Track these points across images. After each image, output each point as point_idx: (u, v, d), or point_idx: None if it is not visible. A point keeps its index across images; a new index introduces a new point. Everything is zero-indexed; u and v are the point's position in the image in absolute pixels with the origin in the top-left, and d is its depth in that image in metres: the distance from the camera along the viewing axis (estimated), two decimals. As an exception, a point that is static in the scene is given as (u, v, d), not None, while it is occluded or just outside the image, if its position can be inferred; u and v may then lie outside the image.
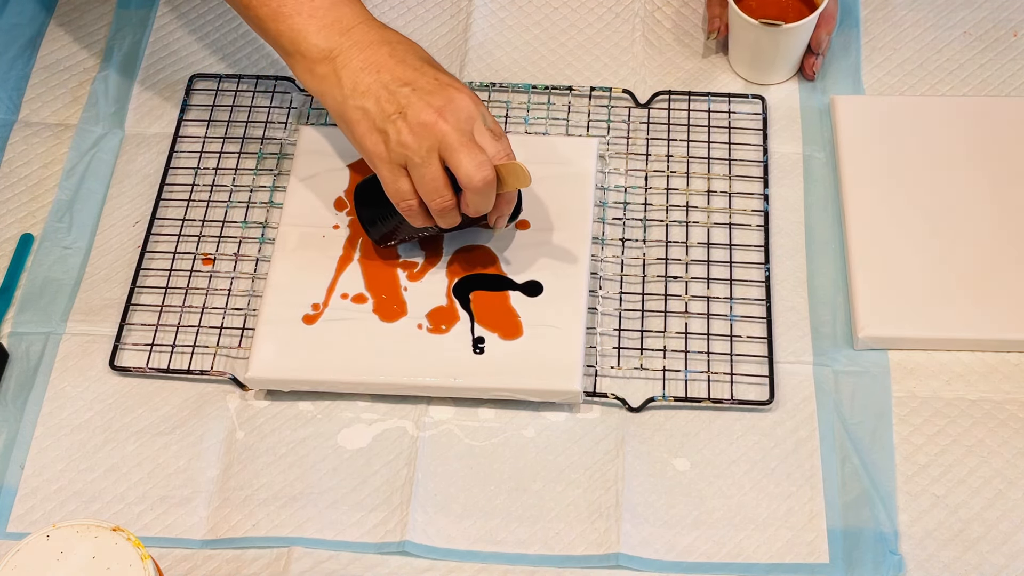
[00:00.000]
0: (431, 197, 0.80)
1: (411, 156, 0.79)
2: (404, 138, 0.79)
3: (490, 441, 0.86)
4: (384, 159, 0.80)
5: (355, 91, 0.81)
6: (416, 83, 0.80)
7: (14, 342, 0.91)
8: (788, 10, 0.98)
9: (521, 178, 0.80)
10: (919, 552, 0.80)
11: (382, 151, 0.80)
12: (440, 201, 0.80)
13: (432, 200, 0.80)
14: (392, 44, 0.82)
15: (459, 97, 0.79)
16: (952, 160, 0.94)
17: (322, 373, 0.86)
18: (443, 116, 0.78)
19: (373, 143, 0.80)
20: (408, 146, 0.79)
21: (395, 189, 0.81)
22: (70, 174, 1.00)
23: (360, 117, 0.81)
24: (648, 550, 0.81)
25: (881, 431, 0.84)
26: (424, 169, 0.79)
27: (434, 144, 0.78)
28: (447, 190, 0.80)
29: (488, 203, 0.81)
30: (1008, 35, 1.02)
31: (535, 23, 1.06)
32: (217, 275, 0.94)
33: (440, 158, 0.79)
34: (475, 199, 0.80)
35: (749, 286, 0.91)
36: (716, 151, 0.97)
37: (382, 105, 0.80)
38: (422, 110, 0.78)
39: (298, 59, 0.83)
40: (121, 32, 1.08)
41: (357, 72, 0.81)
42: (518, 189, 0.83)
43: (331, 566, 0.81)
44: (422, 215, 0.82)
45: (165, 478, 0.85)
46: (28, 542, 0.68)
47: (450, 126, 0.78)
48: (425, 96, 0.79)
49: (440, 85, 0.80)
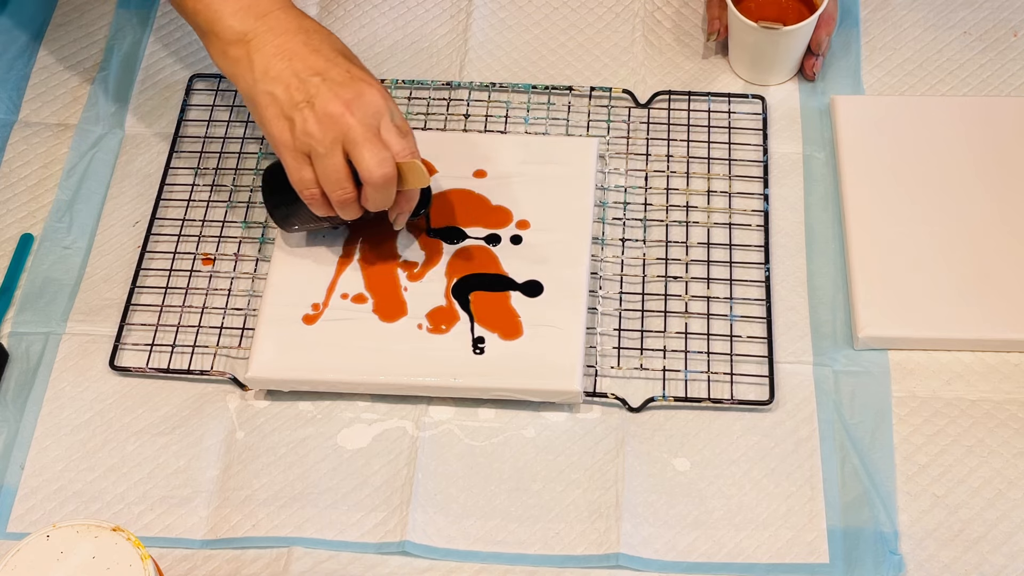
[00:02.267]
0: (332, 188, 0.81)
1: (315, 146, 0.79)
2: (310, 127, 0.79)
3: (490, 441, 0.86)
4: (289, 146, 0.81)
5: (266, 76, 0.81)
6: (327, 73, 0.80)
7: (14, 342, 0.91)
8: (788, 11, 0.98)
9: (420, 177, 0.81)
10: (919, 552, 0.80)
11: (287, 138, 0.80)
12: (340, 193, 0.81)
13: (333, 192, 0.81)
14: (308, 33, 0.82)
15: (369, 91, 0.80)
16: (952, 160, 0.94)
17: (322, 373, 0.86)
18: (350, 109, 0.79)
19: (279, 129, 0.81)
20: (313, 135, 0.79)
21: (298, 177, 0.82)
22: (70, 174, 1.00)
23: (269, 102, 0.81)
24: (648, 550, 0.81)
25: (881, 431, 0.84)
26: (327, 160, 0.79)
27: (339, 136, 0.79)
28: (348, 182, 0.80)
29: (387, 199, 0.82)
30: (1008, 35, 1.02)
31: (535, 23, 1.06)
32: (217, 275, 0.94)
33: (344, 150, 0.79)
34: (374, 194, 0.81)
35: (749, 286, 0.91)
36: (716, 151, 0.97)
37: (291, 92, 0.80)
38: (330, 101, 0.79)
39: (212, 39, 0.84)
40: (121, 32, 1.08)
41: (270, 57, 0.81)
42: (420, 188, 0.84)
43: (331, 566, 0.81)
44: (324, 204, 0.83)
45: (165, 478, 0.85)
46: (28, 542, 0.69)
47: (356, 119, 0.78)
48: (335, 87, 0.79)
49: (351, 78, 0.80)
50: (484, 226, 0.92)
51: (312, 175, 0.81)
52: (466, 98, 1.01)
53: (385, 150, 0.79)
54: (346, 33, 1.05)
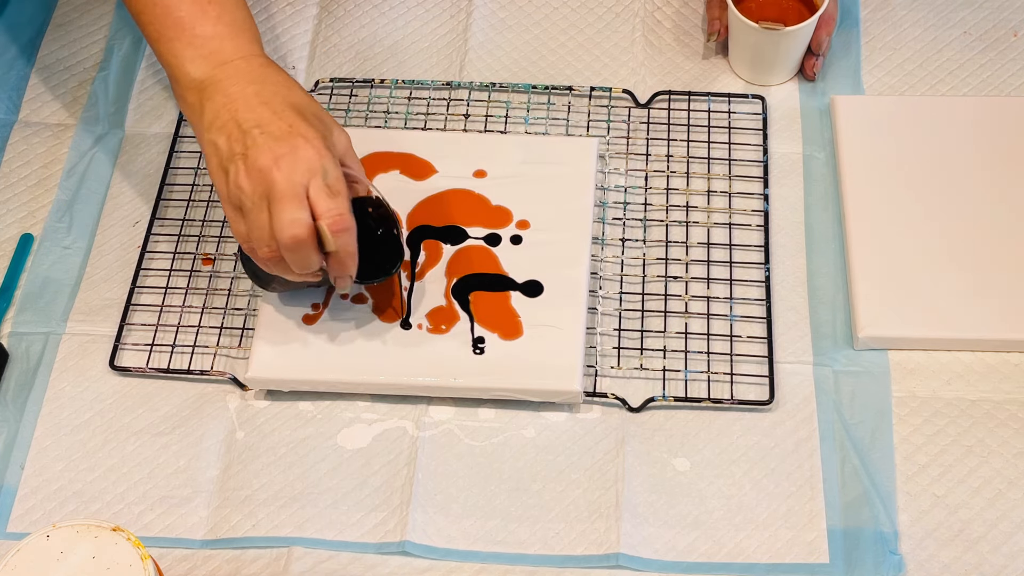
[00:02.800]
0: (258, 246, 0.77)
1: (244, 200, 0.76)
2: (240, 180, 0.76)
3: (490, 441, 0.86)
4: (224, 198, 0.78)
5: (212, 125, 0.78)
6: (268, 126, 0.77)
7: (14, 342, 0.91)
8: (788, 12, 0.98)
9: (326, 241, 0.76)
10: (919, 552, 0.80)
11: (222, 190, 0.78)
12: (265, 251, 0.77)
13: (258, 248, 0.77)
14: (263, 84, 0.79)
15: (304, 147, 0.76)
16: (952, 160, 0.94)
17: (322, 373, 0.86)
18: (278, 164, 0.75)
19: (219, 181, 0.78)
20: (242, 189, 0.76)
21: (233, 229, 0.79)
22: (70, 174, 1.00)
23: (212, 152, 0.79)
24: (648, 550, 0.81)
25: (881, 431, 0.84)
26: (252, 215, 0.76)
27: (264, 192, 0.75)
28: (272, 241, 0.76)
29: (304, 262, 0.77)
30: (1008, 35, 1.02)
31: (535, 23, 1.06)
32: (217, 275, 0.94)
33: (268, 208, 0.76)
34: (288, 256, 0.77)
35: (749, 286, 0.91)
36: (716, 151, 0.97)
37: (231, 143, 0.77)
38: (261, 155, 0.75)
39: (174, 84, 0.83)
40: (121, 32, 1.08)
41: (218, 107, 0.79)
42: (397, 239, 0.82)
43: (331, 566, 0.81)
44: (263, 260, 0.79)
45: (165, 478, 0.85)
46: (28, 542, 0.69)
47: (282, 175, 0.75)
48: (270, 141, 0.76)
49: (290, 132, 0.76)
50: (484, 226, 0.92)
51: (244, 229, 0.78)
52: (466, 98, 1.01)
53: (300, 211, 0.75)
54: (346, 33, 1.06)
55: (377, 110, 1.01)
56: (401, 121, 1.00)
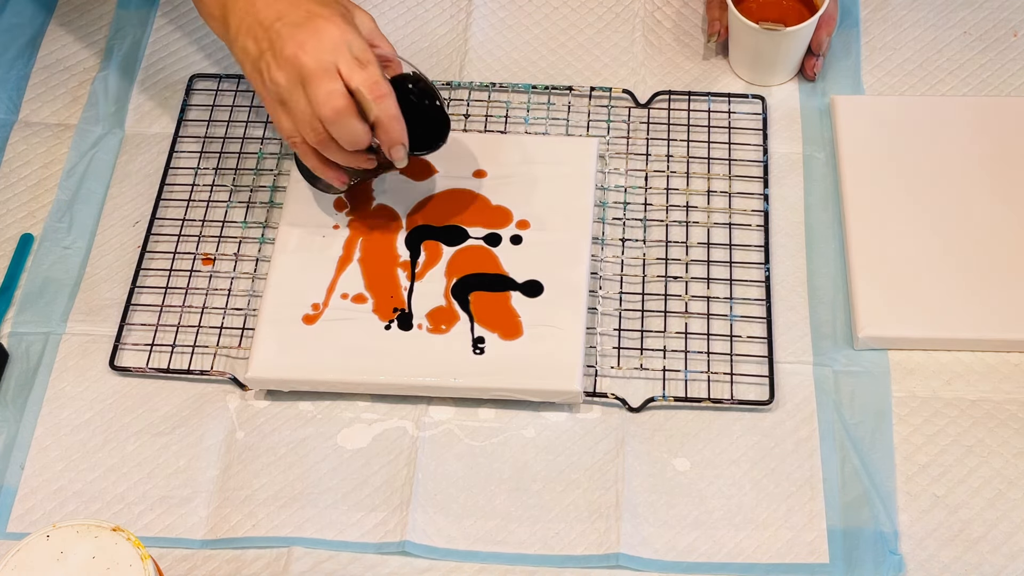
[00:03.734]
0: (305, 131, 0.80)
1: (281, 92, 0.79)
2: (273, 74, 0.79)
3: (490, 441, 0.86)
4: (264, 97, 0.81)
5: (239, 31, 0.81)
6: (287, 17, 0.79)
7: (14, 342, 0.91)
8: (788, 12, 0.98)
9: (365, 106, 0.79)
10: (919, 552, 0.80)
11: (261, 90, 0.81)
12: (313, 135, 0.80)
13: (306, 135, 0.80)
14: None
15: (325, 27, 0.78)
16: (952, 160, 0.94)
17: (322, 373, 0.86)
18: (304, 48, 0.77)
19: (255, 82, 0.81)
20: (277, 82, 0.79)
21: (279, 126, 0.81)
22: (70, 174, 1.00)
23: (244, 58, 0.81)
24: (648, 550, 0.81)
25: (881, 431, 0.84)
26: (292, 104, 0.79)
27: (297, 78, 0.78)
28: (317, 122, 0.79)
29: (351, 134, 0.79)
30: (1008, 35, 1.02)
31: (535, 23, 1.06)
32: (217, 275, 0.94)
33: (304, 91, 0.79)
34: (333, 130, 0.79)
35: (749, 286, 0.91)
36: (716, 151, 0.97)
37: (258, 43, 0.80)
38: (286, 44, 0.78)
39: (201, 7, 0.84)
40: (121, 32, 1.08)
41: (241, 12, 0.81)
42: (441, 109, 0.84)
43: (331, 566, 0.81)
44: (310, 153, 0.82)
45: (165, 478, 0.85)
46: (28, 542, 0.68)
47: (309, 57, 0.77)
48: (292, 30, 0.78)
49: (309, 16, 0.79)
50: (484, 226, 0.92)
51: (290, 123, 0.80)
52: (466, 98, 1.01)
53: (334, 82, 0.77)
54: (346, 33, 1.05)
55: (377, 110, 1.01)
56: (401, 121, 1.00)
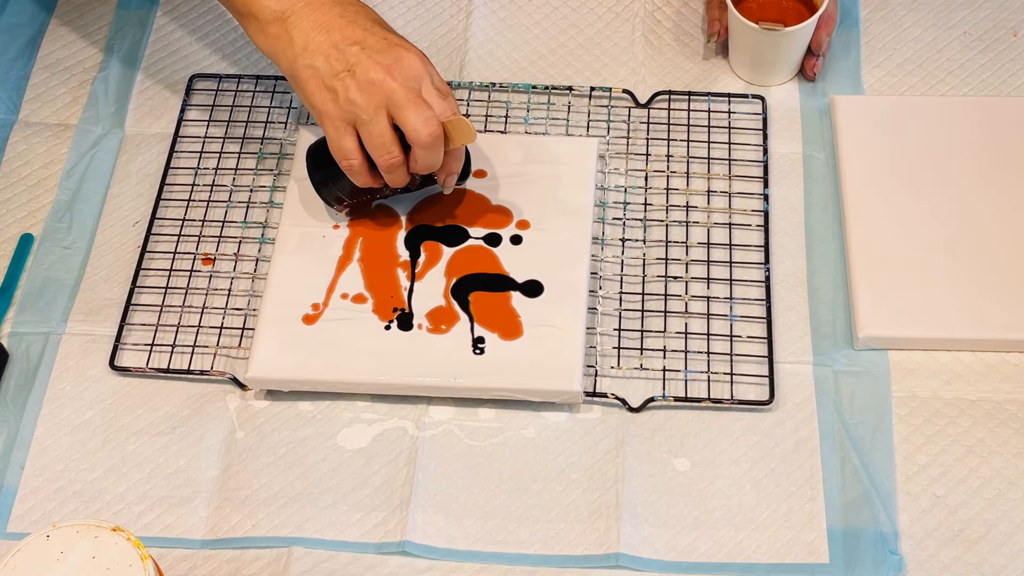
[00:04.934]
0: (379, 153, 0.82)
1: (359, 113, 0.81)
2: (352, 95, 0.81)
3: (490, 441, 0.86)
4: (332, 116, 0.82)
5: (306, 50, 0.82)
6: (365, 42, 0.82)
7: (14, 342, 0.91)
8: (788, 12, 0.98)
9: (467, 133, 0.82)
10: (919, 552, 0.80)
11: (330, 108, 0.82)
12: (388, 157, 0.82)
13: (380, 157, 0.82)
14: (343, 5, 0.84)
15: (408, 56, 0.81)
16: (952, 160, 0.94)
17: (322, 373, 0.86)
18: (391, 74, 0.80)
19: (322, 100, 0.82)
20: (356, 103, 0.81)
21: (339, 147, 0.83)
22: (70, 174, 1.00)
23: (310, 75, 0.82)
24: (648, 550, 0.81)
25: (881, 431, 0.84)
26: (372, 126, 0.81)
27: (382, 101, 0.80)
28: (395, 146, 0.82)
29: (436, 159, 0.83)
30: (1008, 35, 1.02)
31: (535, 23, 1.06)
32: (217, 275, 0.94)
33: (388, 115, 0.81)
34: (423, 155, 0.82)
35: (749, 286, 0.91)
36: (716, 151, 0.97)
37: (331, 63, 0.81)
38: (371, 68, 0.80)
39: (251, 20, 0.85)
40: (121, 32, 1.08)
41: (308, 32, 0.83)
42: (465, 147, 0.87)
43: (331, 566, 0.81)
44: (364, 174, 0.84)
45: (165, 478, 0.85)
46: (28, 542, 0.69)
47: (398, 83, 0.80)
48: (374, 55, 0.81)
49: (389, 44, 0.82)
50: (484, 226, 0.92)
51: (353, 144, 0.83)
52: (466, 98, 1.01)
53: (429, 110, 0.81)
54: (346, 33, 1.05)
55: (377, 110, 1.01)
56: (401, 121, 1.00)
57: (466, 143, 0.84)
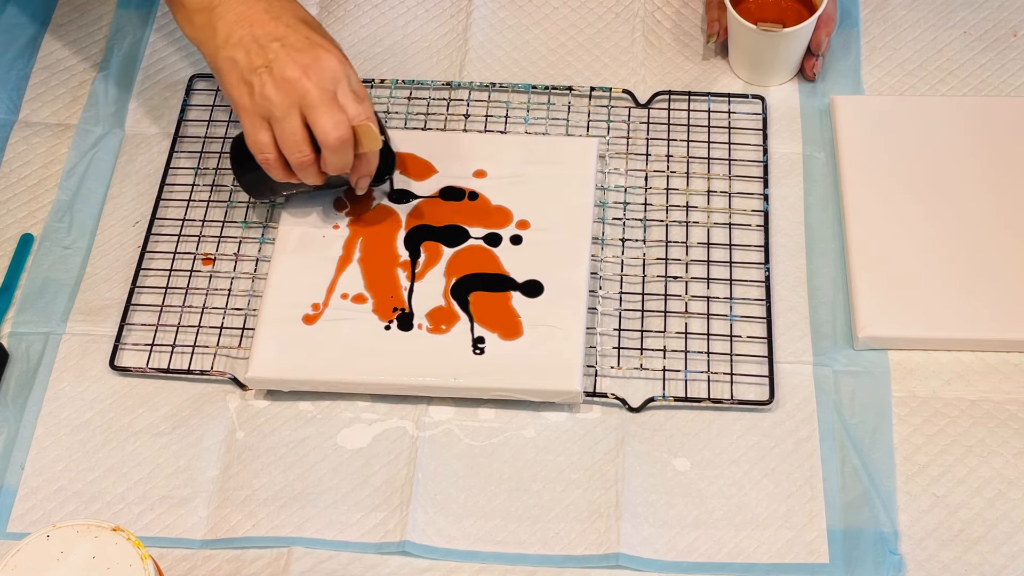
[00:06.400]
0: (290, 152, 0.83)
1: (273, 110, 0.81)
2: (268, 91, 0.81)
3: (490, 441, 0.86)
4: (248, 110, 0.83)
5: (227, 42, 0.83)
6: (286, 39, 0.82)
7: (14, 342, 0.91)
8: (787, 12, 0.98)
9: (372, 139, 0.83)
10: (919, 552, 0.80)
11: (247, 102, 0.82)
12: (299, 156, 0.83)
13: (291, 154, 0.83)
14: (269, 2, 0.84)
15: (326, 57, 0.82)
16: (952, 160, 0.94)
17: (322, 373, 0.86)
18: (307, 74, 0.81)
19: (239, 94, 0.83)
20: (271, 99, 0.81)
21: (254, 140, 0.83)
22: (70, 174, 1.00)
23: (230, 67, 0.83)
24: (648, 550, 0.81)
25: (881, 431, 0.84)
26: (284, 123, 0.81)
27: (296, 100, 0.81)
28: (306, 145, 0.82)
29: (344, 161, 0.84)
30: (1008, 35, 1.02)
31: (535, 23, 1.06)
32: (217, 275, 0.94)
33: (301, 114, 0.81)
34: (331, 157, 0.83)
35: (749, 286, 0.91)
36: (716, 151, 0.97)
37: (251, 57, 0.82)
38: (287, 65, 0.81)
39: (179, 7, 0.86)
40: (121, 32, 1.08)
41: (232, 24, 0.83)
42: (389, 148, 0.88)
43: (331, 566, 0.81)
44: (280, 169, 0.85)
45: (165, 478, 0.85)
46: (28, 542, 0.69)
47: (313, 84, 0.80)
48: (293, 52, 0.81)
49: (310, 44, 0.82)
50: (484, 226, 0.92)
51: (269, 139, 0.83)
52: (466, 98, 1.01)
53: (341, 113, 0.81)
54: (346, 33, 1.06)
55: (377, 110, 1.01)
56: (401, 121, 1.00)
57: (372, 148, 0.84)
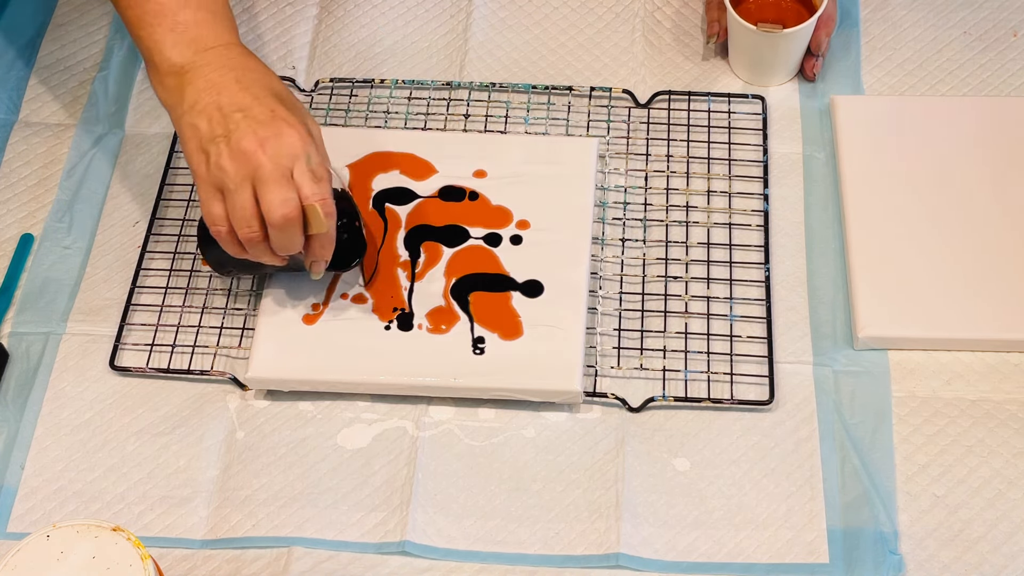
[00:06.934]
0: (239, 225, 0.79)
1: (226, 181, 0.79)
2: (223, 162, 0.78)
3: (490, 441, 0.86)
4: (203, 179, 0.80)
5: (193, 108, 0.80)
6: (250, 111, 0.79)
7: (14, 342, 0.91)
8: (787, 13, 0.98)
9: (315, 223, 0.79)
10: (919, 552, 0.80)
11: (202, 171, 0.80)
12: (247, 231, 0.79)
13: (240, 229, 0.80)
14: (243, 71, 0.82)
15: (288, 132, 0.79)
16: (952, 160, 0.94)
17: (322, 373, 0.86)
18: (263, 147, 0.78)
19: (197, 162, 0.80)
20: (225, 170, 0.78)
21: (207, 211, 0.81)
22: (70, 174, 1.00)
23: (191, 135, 0.81)
24: (648, 550, 0.81)
25: (881, 431, 0.84)
26: (235, 197, 0.79)
27: (249, 173, 0.78)
28: (255, 221, 0.79)
29: (291, 242, 0.80)
30: (1008, 35, 1.02)
31: (535, 23, 1.06)
32: (217, 275, 0.94)
33: (253, 188, 0.78)
34: (276, 235, 0.79)
35: (749, 286, 0.91)
36: (716, 151, 0.97)
37: (212, 126, 0.79)
38: (244, 137, 0.78)
39: (151, 69, 0.84)
40: (121, 32, 1.08)
41: (200, 91, 0.81)
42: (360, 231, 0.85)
43: (331, 566, 0.81)
44: (234, 244, 0.81)
45: (165, 478, 0.85)
46: (28, 542, 0.69)
47: (267, 158, 0.78)
48: (254, 124, 0.79)
49: (273, 117, 0.79)
50: (484, 226, 0.92)
51: (222, 211, 0.80)
52: (466, 98, 1.01)
53: (290, 191, 0.78)
54: (346, 33, 1.06)
55: (377, 110, 1.01)
56: (401, 121, 1.00)
57: (316, 231, 0.80)
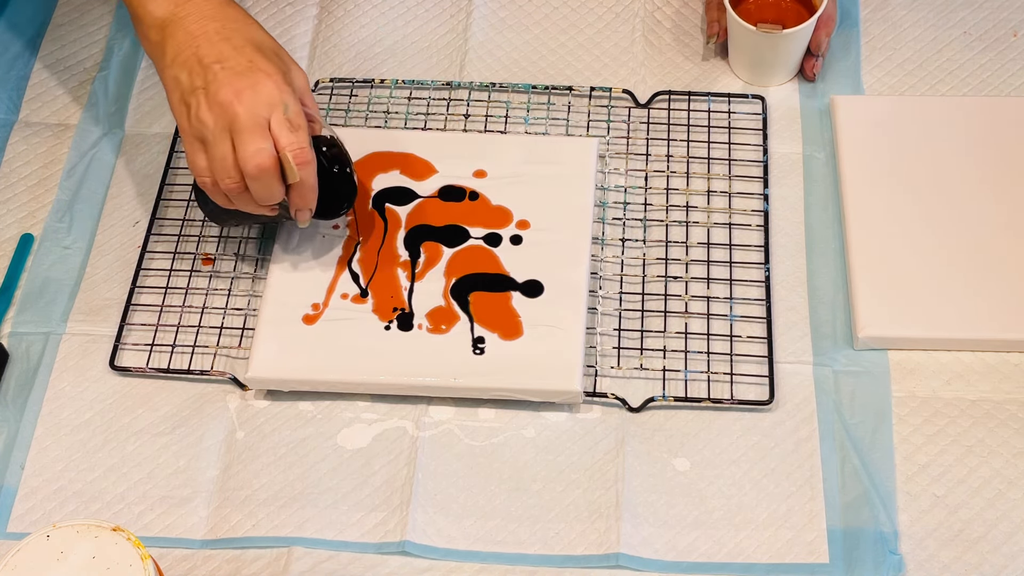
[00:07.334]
0: (220, 177, 0.81)
1: (206, 133, 0.80)
2: (202, 113, 0.80)
3: (490, 441, 0.86)
4: (185, 131, 0.82)
5: (175, 61, 0.82)
6: (228, 61, 0.80)
7: (14, 342, 0.91)
8: (786, 13, 0.98)
9: (289, 173, 0.80)
10: (919, 552, 0.80)
11: (184, 123, 0.81)
12: (228, 182, 0.81)
13: (221, 180, 0.81)
14: (224, 21, 0.82)
15: (265, 82, 0.80)
16: (952, 160, 0.94)
17: (322, 373, 0.86)
18: (239, 98, 0.79)
19: (179, 114, 0.82)
20: (204, 122, 0.80)
21: (192, 163, 0.82)
22: (70, 174, 1.00)
23: (174, 87, 0.82)
24: (648, 550, 0.81)
25: (881, 431, 0.84)
26: (215, 147, 0.80)
27: (226, 124, 0.79)
28: (235, 172, 0.80)
29: (268, 191, 0.81)
30: (1008, 35, 1.02)
31: (535, 23, 1.06)
32: (217, 275, 0.94)
33: (232, 139, 0.80)
34: (253, 185, 0.80)
35: (749, 286, 0.91)
36: (716, 151, 0.97)
37: (192, 78, 0.81)
38: (222, 88, 0.79)
39: (136, 23, 0.85)
40: (121, 32, 1.08)
41: (181, 43, 0.82)
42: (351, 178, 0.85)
43: (331, 566, 0.81)
44: (220, 194, 0.83)
45: (165, 478, 0.85)
46: (28, 542, 0.69)
47: (244, 108, 0.79)
48: (231, 76, 0.79)
49: (251, 68, 0.80)
50: (484, 226, 0.92)
51: (204, 163, 0.81)
52: (466, 98, 1.01)
53: (264, 141, 0.79)
54: (346, 33, 1.06)
55: (377, 110, 1.01)
56: (401, 121, 1.00)
57: (291, 181, 0.81)
